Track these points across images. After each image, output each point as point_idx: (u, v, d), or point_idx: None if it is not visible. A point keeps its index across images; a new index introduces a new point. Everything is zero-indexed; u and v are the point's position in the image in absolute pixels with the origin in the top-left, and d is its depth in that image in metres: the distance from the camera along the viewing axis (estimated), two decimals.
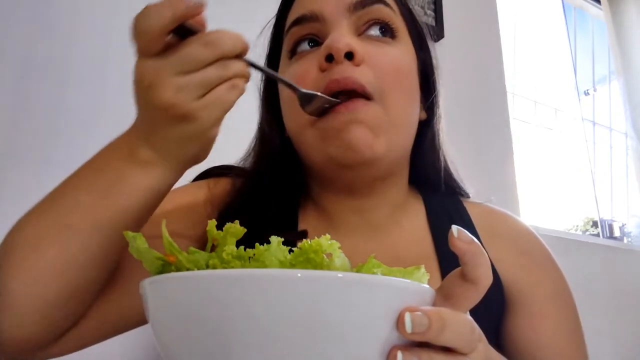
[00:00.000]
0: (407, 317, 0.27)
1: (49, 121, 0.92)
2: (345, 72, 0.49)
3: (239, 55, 0.41)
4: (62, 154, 0.91)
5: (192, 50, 0.38)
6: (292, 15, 0.57)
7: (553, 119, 2.25)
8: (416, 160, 0.61)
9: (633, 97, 2.20)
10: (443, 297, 0.31)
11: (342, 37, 0.50)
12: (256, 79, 0.67)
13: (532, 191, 1.98)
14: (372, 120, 0.49)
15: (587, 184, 2.22)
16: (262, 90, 0.65)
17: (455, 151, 0.67)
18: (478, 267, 0.30)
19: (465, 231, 0.30)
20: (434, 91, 0.60)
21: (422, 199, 0.63)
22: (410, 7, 0.60)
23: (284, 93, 0.57)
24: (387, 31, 0.54)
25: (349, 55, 0.50)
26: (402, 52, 0.55)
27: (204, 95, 0.39)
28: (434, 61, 0.61)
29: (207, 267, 0.31)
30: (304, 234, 0.56)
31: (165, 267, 0.32)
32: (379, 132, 0.50)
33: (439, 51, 0.67)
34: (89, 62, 0.98)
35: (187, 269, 0.31)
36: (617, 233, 2.18)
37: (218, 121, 0.42)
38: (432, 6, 1.55)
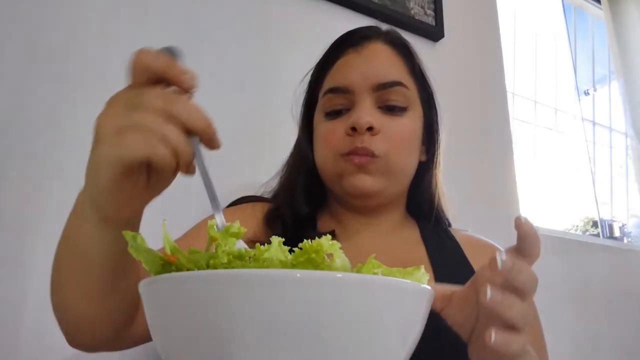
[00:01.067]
0: (498, 256, 0.39)
1: (49, 121, 0.92)
2: (364, 142, 0.67)
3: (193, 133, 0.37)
4: (62, 155, 0.91)
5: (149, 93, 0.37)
6: (329, 81, 0.74)
7: (553, 119, 2.25)
8: (414, 193, 0.77)
9: (633, 97, 2.19)
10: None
11: (365, 116, 0.67)
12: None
13: (532, 191, 1.98)
14: (373, 171, 0.68)
15: (587, 184, 2.22)
16: (302, 114, 0.80)
17: (456, 152, 0.72)
18: (534, 244, 0.40)
19: (529, 220, 0.40)
20: (436, 141, 0.77)
21: (416, 222, 0.79)
22: (424, 74, 0.76)
23: (319, 131, 0.73)
24: (401, 108, 0.71)
25: (369, 128, 0.67)
26: (410, 121, 0.71)
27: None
28: (439, 116, 0.78)
29: (208, 267, 0.31)
30: (332, 234, 0.70)
31: (165, 267, 0.32)
32: (378, 177, 0.68)
33: (439, 51, 0.71)
34: (89, 62, 0.98)
35: (187, 269, 0.31)
36: (617, 233, 2.18)
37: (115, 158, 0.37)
38: (432, 6, 1.54)
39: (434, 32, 1.51)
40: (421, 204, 0.79)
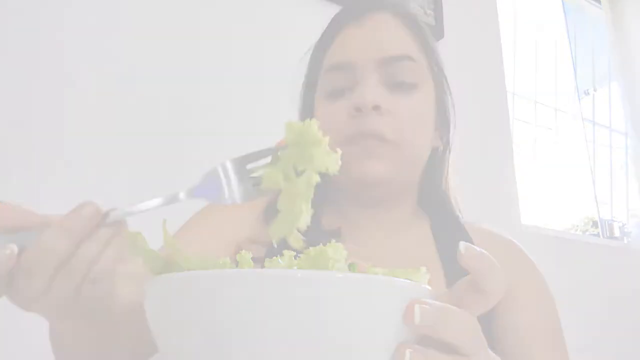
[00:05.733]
0: (417, 309, 0.28)
1: (49, 121, 0.92)
2: (371, 122, 0.60)
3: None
4: (62, 155, 0.91)
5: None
6: (331, 57, 0.66)
7: (553, 119, 2.25)
8: (426, 184, 0.71)
9: (633, 97, 2.19)
10: (453, 302, 0.31)
11: (369, 93, 0.60)
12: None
13: (532, 191, 1.98)
14: (384, 156, 0.61)
15: (587, 184, 2.22)
16: (301, 98, 0.72)
17: (456, 153, 0.71)
18: (488, 279, 0.30)
19: (473, 246, 0.31)
20: (449, 126, 0.70)
21: (428, 216, 0.72)
22: (435, 50, 0.69)
23: (318, 114, 0.66)
24: (410, 84, 0.63)
25: (375, 107, 0.60)
26: (421, 100, 0.64)
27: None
28: (452, 100, 0.71)
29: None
30: (337, 232, 0.65)
31: (165, 267, 0.32)
32: (389, 163, 0.61)
33: (439, 51, 0.70)
34: (89, 62, 0.98)
35: (188, 269, 0.31)
36: (617, 233, 2.18)
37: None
38: (432, 6, 1.55)
39: (433, 32, 1.51)
40: (433, 196, 0.72)
